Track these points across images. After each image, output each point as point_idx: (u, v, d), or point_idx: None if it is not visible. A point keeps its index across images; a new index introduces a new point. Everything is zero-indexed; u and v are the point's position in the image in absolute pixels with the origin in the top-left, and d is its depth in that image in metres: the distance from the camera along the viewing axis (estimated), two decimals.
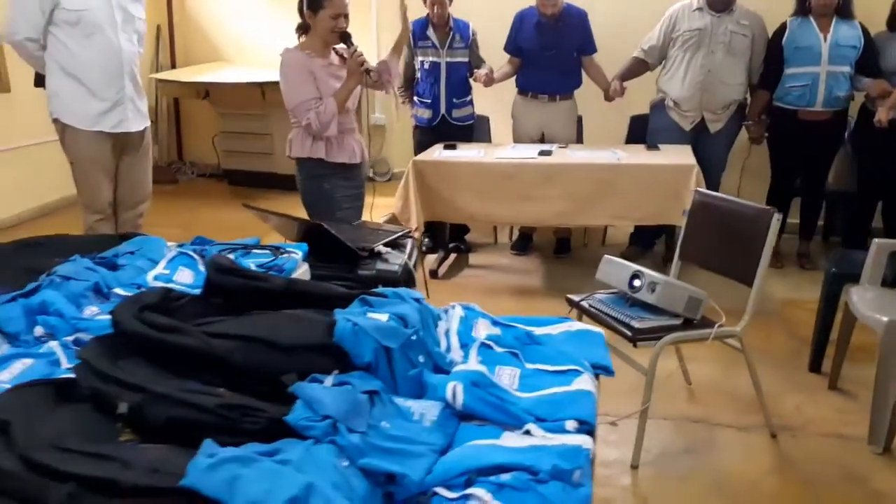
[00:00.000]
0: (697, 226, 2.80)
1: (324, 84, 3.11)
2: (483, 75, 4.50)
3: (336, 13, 3.05)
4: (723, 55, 4.26)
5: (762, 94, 4.38)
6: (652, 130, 4.58)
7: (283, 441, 1.08)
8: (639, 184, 4.00)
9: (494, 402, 1.27)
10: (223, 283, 1.56)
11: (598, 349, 1.58)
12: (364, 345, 1.30)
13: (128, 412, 1.12)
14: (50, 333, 1.54)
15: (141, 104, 3.42)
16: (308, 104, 3.05)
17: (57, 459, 0.98)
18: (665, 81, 4.47)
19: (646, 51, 4.52)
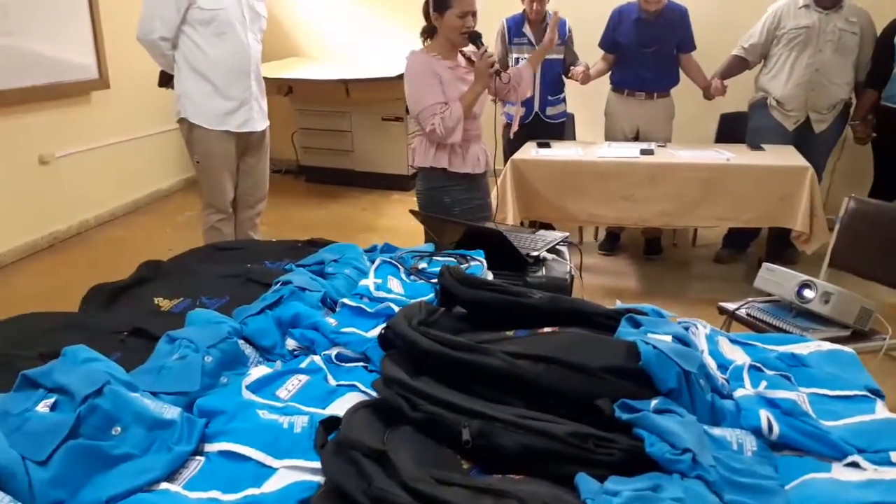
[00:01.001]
0: (854, 233, 2.74)
1: (450, 88, 2.98)
2: (580, 72, 4.45)
3: (464, 11, 2.89)
4: (831, 53, 4.17)
5: (870, 94, 4.29)
6: (752, 130, 4.50)
7: (654, 476, 1.04)
8: (749, 185, 3.94)
9: (812, 431, 1.23)
10: (471, 296, 1.53)
11: (859, 371, 1.53)
12: (669, 369, 1.26)
13: (471, 439, 1.09)
14: (306, 347, 1.52)
15: (263, 103, 3.40)
16: (433, 108, 2.92)
17: (447, 494, 0.94)
18: (767, 80, 4.39)
19: (746, 48, 4.44)
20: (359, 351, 1.49)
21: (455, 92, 2.99)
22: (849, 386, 1.42)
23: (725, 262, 4.63)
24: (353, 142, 5.69)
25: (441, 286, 1.62)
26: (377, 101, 5.54)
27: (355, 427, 1.09)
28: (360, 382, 1.39)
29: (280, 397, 1.34)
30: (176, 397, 1.29)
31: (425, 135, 3.01)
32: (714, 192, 3.99)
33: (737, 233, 4.60)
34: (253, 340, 1.51)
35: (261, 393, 1.35)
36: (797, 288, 2.48)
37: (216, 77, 3.14)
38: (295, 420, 1.20)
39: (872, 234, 2.67)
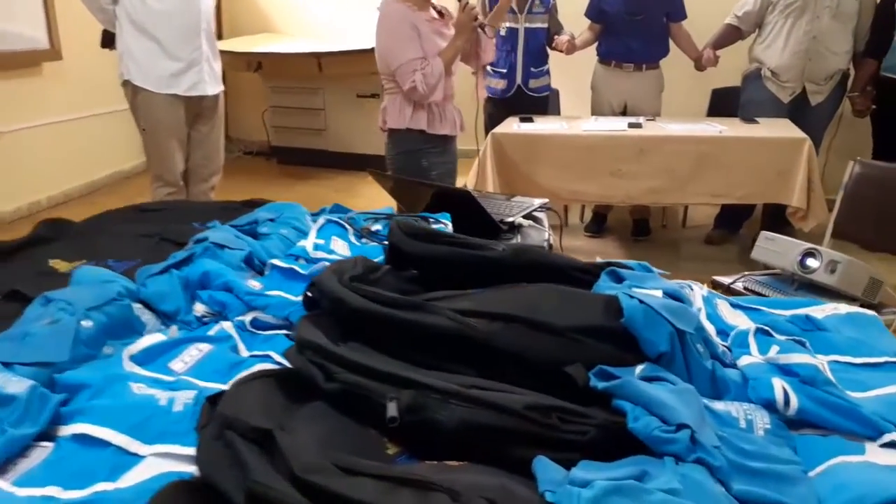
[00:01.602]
0: (859, 199, 2.49)
1: (428, 42, 2.74)
2: (565, 42, 4.19)
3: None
4: (829, 20, 3.92)
5: (869, 63, 4.05)
6: (745, 102, 4.26)
7: (639, 460, 0.78)
8: (743, 159, 3.69)
9: (838, 403, 0.97)
10: (422, 252, 1.26)
11: (885, 336, 1.28)
12: (658, 329, 1.00)
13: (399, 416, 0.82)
14: (217, 312, 1.25)
15: (217, 66, 3.12)
16: (413, 64, 2.68)
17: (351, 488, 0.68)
18: (762, 50, 4.14)
19: (740, 17, 4.19)
20: (280, 316, 1.22)
21: (433, 47, 2.75)
22: (875, 352, 1.17)
23: (717, 243, 4.39)
24: (327, 120, 5.41)
25: (389, 244, 1.35)
26: (351, 77, 5.26)
27: (241, 401, 0.82)
28: (278, 353, 1.12)
29: (174, 370, 1.07)
30: (37, 369, 1.01)
31: (403, 93, 2.76)
32: (706, 167, 3.74)
33: (729, 212, 4.37)
34: (152, 304, 1.24)
35: (150, 366, 1.08)
36: (800, 257, 2.23)
37: (162, 34, 2.85)
38: (177, 396, 0.93)
39: (880, 200, 2.42)
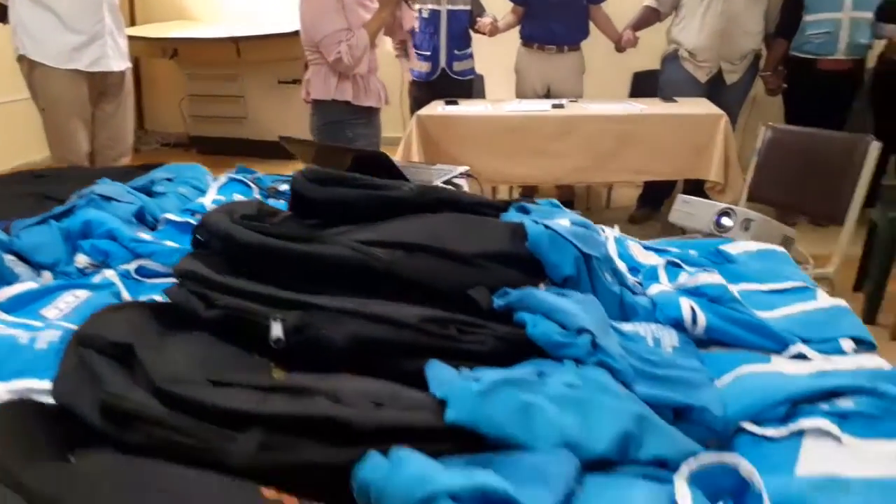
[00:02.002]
0: (772, 163, 2.55)
1: (352, 14, 2.73)
2: (488, 24, 4.20)
3: None
4: (741, 1, 4.04)
5: (780, 43, 4.19)
6: (664, 83, 4.34)
7: (537, 363, 0.74)
8: (663, 135, 3.76)
9: (746, 320, 0.95)
10: (325, 196, 1.19)
11: (793, 267, 1.28)
12: (564, 252, 0.96)
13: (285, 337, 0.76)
14: (101, 263, 1.15)
15: (122, 41, 2.97)
16: (338, 35, 2.67)
17: (219, 396, 0.61)
18: (679, 31, 4.23)
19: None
20: (168, 263, 1.13)
21: (357, 19, 2.74)
22: (782, 279, 1.16)
23: (640, 222, 4.46)
24: (247, 107, 5.25)
25: (292, 192, 1.27)
26: (272, 62, 5.12)
27: (105, 322, 0.74)
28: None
29: (46, 317, 0.97)
30: None
31: (328, 65, 2.75)
32: (628, 144, 3.79)
33: (651, 191, 4.45)
34: (26, 256, 1.14)
35: (19, 313, 0.98)
36: (716, 217, 2.25)
37: (59, 5, 2.69)
38: (40, 335, 0.84)
39: (791, 163, 2.48)
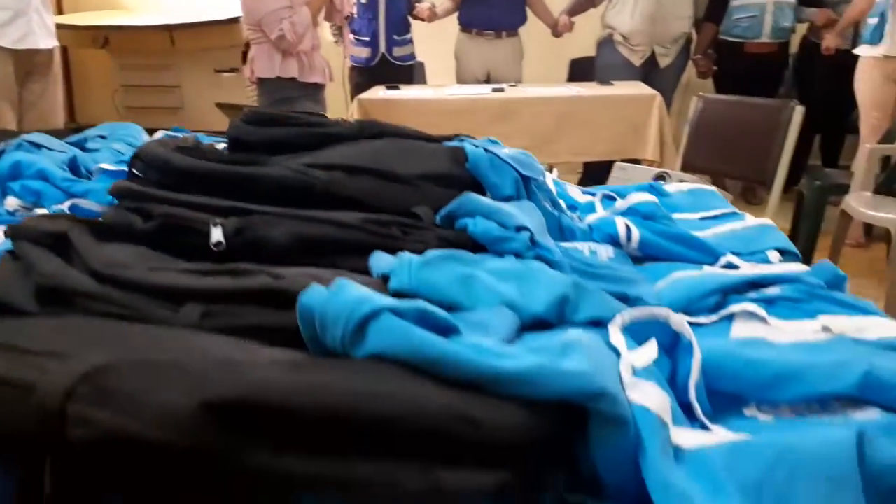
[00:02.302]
0: (703, 131, 2.64)
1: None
2: (426, 9, 4.22)
3: None
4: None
5: (708, 27, 4.33)
6: (600, 67, 4.44)
7: (478, 256, 0.75)
8: (600, 116, 3.85)
9: (678, 233, 0.99)
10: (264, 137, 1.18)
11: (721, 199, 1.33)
12: (503, 173, 0.98)
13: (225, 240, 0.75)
14: (33, 205, 1.12)
15: (48, 19, 2.88)
16: (280, 13, 2.70)
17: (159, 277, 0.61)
18: (613, 16, 4.34)
19: None
20: (105, 202, 1.11)
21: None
22: (711, 207, 1.21)
23: None
24: (183, 97, 5.12)
25: (228, 138, 1.26)
26: (208, 50, 5.02)
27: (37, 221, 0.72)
28: None
29: None
30: None
31: (271, 42, 2.76)
32: (567, 126, 3.87)
33: (590, 172, 4.53)
34: None
35: None
36: (651, 180, 2.32)
37: None
38: None
39: (721, 130, 2.58)
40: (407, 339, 0.48)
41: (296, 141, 1.16)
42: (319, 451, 0.42)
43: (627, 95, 3.90)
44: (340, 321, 0.51)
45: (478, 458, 0.44)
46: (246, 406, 0.41)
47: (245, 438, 0.41)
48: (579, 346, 0.50)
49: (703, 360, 0.59)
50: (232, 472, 0.41)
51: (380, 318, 0.50)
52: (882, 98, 3.61)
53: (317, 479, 0.42)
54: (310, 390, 0.43)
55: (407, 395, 0.45)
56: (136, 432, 0.39)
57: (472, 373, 0.47)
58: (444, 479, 0.43)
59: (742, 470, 0.45)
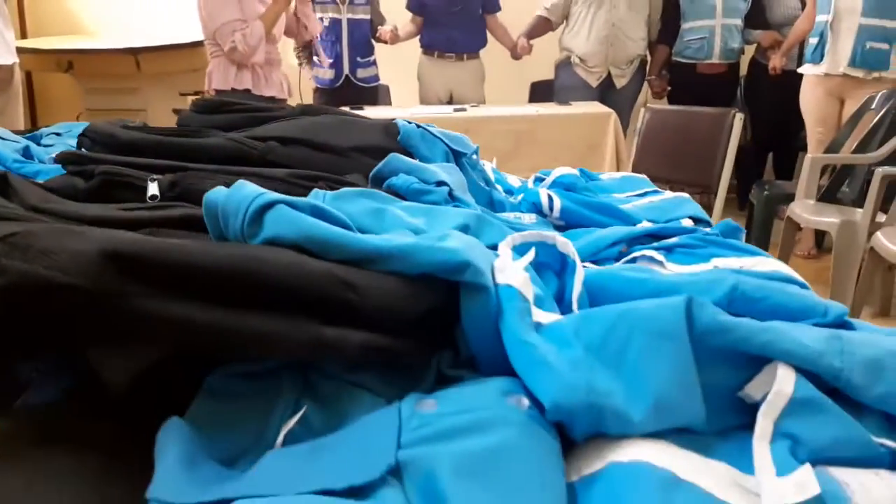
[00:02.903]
0: (651, 141, 2.75)
1: (248, 6, 2.84)
2: (388, 32, 4.34)
3: None
4: (625, 10, 4.33)
5: (662, 49, 4.50)
6: (559, 89, 4.58)
7: (390, 196, 0.81)
8: (558, 135, 3.97)
9: (598, 203, 1.06)
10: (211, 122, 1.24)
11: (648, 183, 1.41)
12: (433, 146, 1.05)
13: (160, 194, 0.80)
14: None
15: (7, 34, 2.93)
16: (233, 25, 2.77)
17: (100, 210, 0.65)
18: (570, 39, 4.49)
19: (549, 9, 4.52)
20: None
21: (253, 11, 2.84)
22: (638, 187, 1.29)
23: None
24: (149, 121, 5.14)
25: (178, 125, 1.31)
26: (173, 74, 5.07)
27: None
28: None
29: None
30: None
31: (224, 54, 2.84)
32: (525, 144, 3.98)
33: None
34: None
35: None
36: None
37: None
38: None
39: (668, 139, 2.68)
40: (298, 225, 0.54)
41: (239, 123, 1.22)
42: (213, 302, 0.47)
43: (584, 114, 4.02)
44: (241, 211, 0.56)
45: (355, 319, 0.50)
46: (144, 257, 0.46)
47: (143, 285, 0.46)
48: (456, 236, 0.56)
49: (589, 280, 0.65)
50: (130, 316, 0.46)
51: (275, 208, 0.55)
52: (825, 113, 3.77)
53: (209, 326, 0.46)
54: (205, 251, 0.48)
55: (293, 260, 0.50)
56: (45, 276, 0.44)
57: (354, 251, 0.53)
58: (325, 333, 0.48)
59: (588, 331, 0.51)
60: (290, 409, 0.50)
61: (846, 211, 2.77)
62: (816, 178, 2.96)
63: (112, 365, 0.47)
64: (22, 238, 0.45)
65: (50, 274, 0.44)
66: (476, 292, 0.52)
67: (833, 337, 0.49)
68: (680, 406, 0.46)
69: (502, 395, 0.48)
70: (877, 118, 3.01)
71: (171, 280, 0.46)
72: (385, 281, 0.52)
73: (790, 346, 0.47)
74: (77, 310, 0.45)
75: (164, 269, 0.46)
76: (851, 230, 2.54)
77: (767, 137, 4.54)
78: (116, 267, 0.45)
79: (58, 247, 0.45)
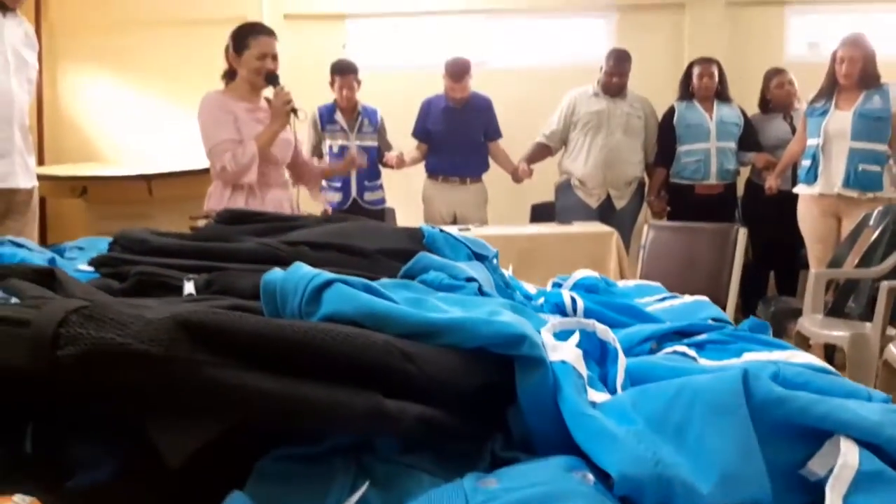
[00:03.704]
0: (656, 256, 2.79)
1: (247, 127, 2.87)
2: (394, 157, 4.51)
3: (262, 53, 2.88)
4: (621, 135, 4.53)
5: (659, 171, 4.65)
6: (560, 210, 4.69)
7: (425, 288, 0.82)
8: (561, 253, 4.02)
9: (620, 303, 1.07)
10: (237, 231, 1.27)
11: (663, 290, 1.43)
12: (458, 251, 1.08)
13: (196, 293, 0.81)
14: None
15: (31, 161, 3.04)
16: (225, 145, 2.79)
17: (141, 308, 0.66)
18: (569, 163, 4.66)
19: (547, 136, 4.73)
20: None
21: (252, 132, 2.88)
22: (654, 293, 1.31)
23: None
24: None
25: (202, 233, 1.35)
26: (184, 199, 5.20)
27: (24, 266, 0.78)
28: None
29: None
30: None
31: (217, 175, 2.86)
32: (530, 261, 4.02)
33: None
34: None
35: None
36: None
37: None
38: None
39: (673, 253, 2.73)
40: (355, 301, 0.54)
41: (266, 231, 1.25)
42: (279, 372, 0.47)
43: (586, 233, 4.10)
44: (299, 290, 0.57)
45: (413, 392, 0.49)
46: (215, 326, 0.46)
47: (213, 354, 0.46)
48: (508, 312, 0.57)
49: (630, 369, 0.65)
50: (199, 384, 0.45)
51: (333, 286, 0.56)
52: (824, 232, 3.86)
53: (275, 395, 0.46)
54: (272, 323, 0.48)
55: (354, 333, 0.50)
56: (120, 343, 0.44)
57: (411, 325, 0.53)
58: (385, 403, 0.48)
59: (647, 405, 0.50)
60: (346, 490, 0.49)
61: (855, 325, 2.78)
62: (822, 293, 2.99)
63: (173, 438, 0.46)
64: (94, 309, 0.46)
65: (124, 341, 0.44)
66: (533, 366, 0.53)
67: (889, 410, 0.49)
68: (746, 478, 0.45)
69: (566, 470, 0.47)
70: (876, 234, 3.08)
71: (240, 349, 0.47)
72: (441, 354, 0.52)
73: (850, 418, 0.47)
74: (147, 377, 0.45)
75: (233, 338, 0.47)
76: (863, 343, 2.54)
77: (768, 255, 4.60)
78: (189, 335, 0.46)
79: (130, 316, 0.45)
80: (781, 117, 4.63)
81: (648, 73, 4.96)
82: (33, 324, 0.46)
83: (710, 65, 4.53)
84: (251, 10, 5.61)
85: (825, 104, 3.81)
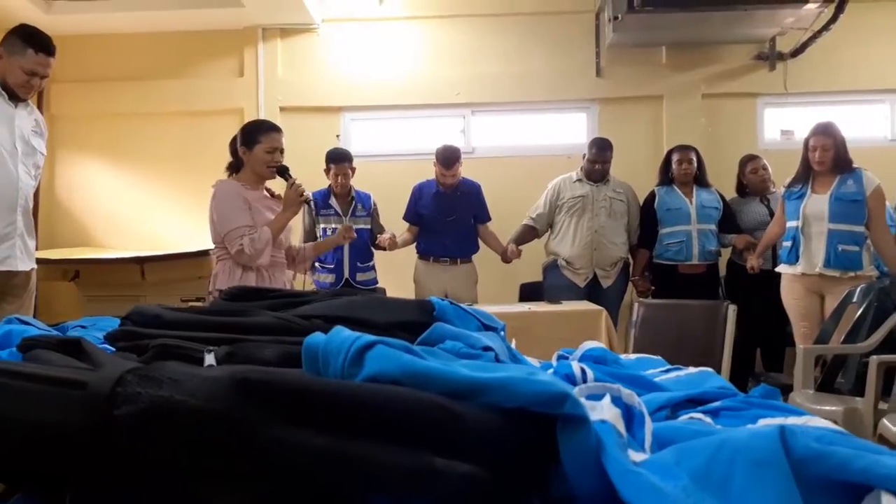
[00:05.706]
0: (648, 332, 2.81)
1: (258, 215, 3.06)
2: (387, 239, 4.57)
3: (272, 147, 3.10)
4: (605, 218, 4.64)
5: (643, 253, 4.74)
6: (548, 288, 4.74)
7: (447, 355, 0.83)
8: (551, 331, 4.02)
9: (627, 374, 1.09)
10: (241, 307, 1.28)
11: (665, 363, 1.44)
12: (468, 322, 1.09)
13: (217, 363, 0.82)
14: None
15: (31, 243, 3.06)
16: (241, 230, 2.96)
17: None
18: (556, 244, 4.74)
19: (534, 218, 4.83)
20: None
21: (263, 219, 3.07)
22: (658, 365, 1.32)
23: None
24: None
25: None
26: (176, 282, 5.19)
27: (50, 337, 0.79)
28: None
29: None
30: None
31: (231, 257, 2.99)
32: (522, 339, 3.95)
33: None
34: None
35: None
36: None
37: None
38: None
39: (664, 330, 2.76)
40: (398, 361, 0.55)
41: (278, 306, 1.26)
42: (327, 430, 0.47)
43: (575, 311, 4.13)
44: (342, 352, 0.58)
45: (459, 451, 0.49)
46: (271, 385, 0.46)
47: (268, 412, 0.46)
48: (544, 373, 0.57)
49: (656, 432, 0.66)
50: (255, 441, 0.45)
51: (375, 348, 0.57)
52: (808, 309, 3.91)
53: (324, 451, 0.46)
54: (323, 382, 0.48)
55: (400, 391, 0.51)
56: (178, 401, 0.44)
57: (455, 384, 0.54)
58: (434, 461, 0.48)
59: (689, 461, 0.51)
60: None
61: (846, 399, 2.79)
62: (812, 369, 3.01)
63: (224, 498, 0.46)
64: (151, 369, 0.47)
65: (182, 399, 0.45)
66: (577, 425, 0.53)
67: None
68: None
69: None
70: (860, 311, 3.14)
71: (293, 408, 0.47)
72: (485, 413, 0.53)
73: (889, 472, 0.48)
74: (203, 435, 0.45)
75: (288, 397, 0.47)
76: (856, 418, 2.55)
77: (754, 332, 4.64)
78: (246, 393, 0.46)
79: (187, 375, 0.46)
80: (758, 200, 4.77)
81: (629, 160, 5.12)
82: (90, 385, 0.46)
83: (688, 151, 4.70)
84: (248, 102, 5.77)
85: (802, 188, 3.93)
